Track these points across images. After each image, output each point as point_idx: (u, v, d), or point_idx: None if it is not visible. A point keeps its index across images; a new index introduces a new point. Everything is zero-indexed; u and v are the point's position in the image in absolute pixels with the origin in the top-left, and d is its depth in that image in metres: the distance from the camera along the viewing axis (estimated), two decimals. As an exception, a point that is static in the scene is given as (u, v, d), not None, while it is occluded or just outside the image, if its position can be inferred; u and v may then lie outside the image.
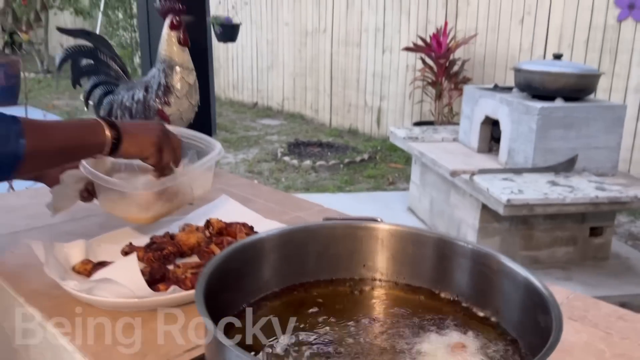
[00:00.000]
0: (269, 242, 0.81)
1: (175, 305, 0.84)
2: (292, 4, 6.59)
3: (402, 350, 0.69)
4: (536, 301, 0.65)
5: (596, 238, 2.97)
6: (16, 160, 0.78)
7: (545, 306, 0.63)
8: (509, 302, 0.70)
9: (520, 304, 0.69)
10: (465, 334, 0.72)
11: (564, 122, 2.89)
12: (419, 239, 0.83)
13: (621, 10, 4.14)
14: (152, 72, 1.32)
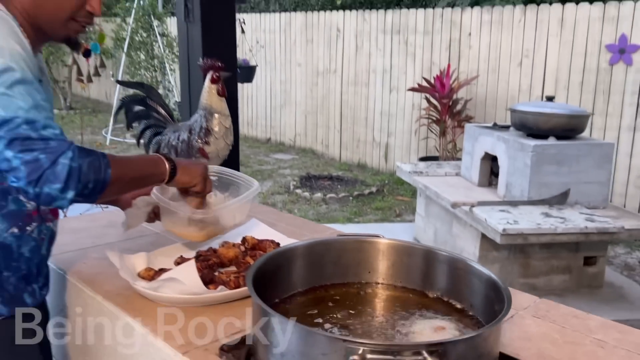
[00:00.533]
0: (295, 252, 1.06)
1: (223, 301, 1.09)
2: (305, 47, 6.99)
3: (399, 330, 0.93)
4: (495, 293, 0.89)
5: (590, 267, 3.16)
6: (104, 186, 0.97)
7: (500, 296, 0.86)
8: (476, 295, 0.94)
9: (484, 296, 0.92)
10: (445, 320, 0.95)
11: (556, 159, 3.13)
12: (411, 251, 1.07)
13: (612, 54, 4.44)
14: (195, 117, 1.59)
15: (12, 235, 1.06)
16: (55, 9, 1.04)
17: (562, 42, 4.73)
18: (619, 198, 4.41)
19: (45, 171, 0.88)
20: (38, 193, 0.89)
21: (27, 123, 0.89)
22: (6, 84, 0.89)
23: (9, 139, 0.88)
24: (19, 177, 0.89)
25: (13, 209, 1.05)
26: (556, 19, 4.76)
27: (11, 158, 0.88)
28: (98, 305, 1.16)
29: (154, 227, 1.62)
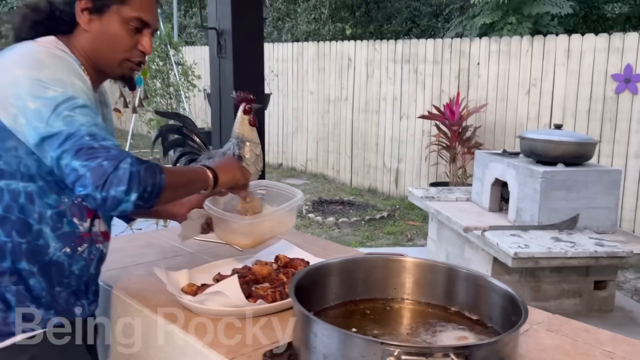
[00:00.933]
0: (329, 268, 1.17)
1: (262, 313, 1.19)
2: (317, 75, 7.19)
3: (424, 339, 1.03)
4: (512, 306, 0.99)
5: (600, 291, 3.22)
6: (160, 190, 1.04)
7: (518, 308, 0.96)
8: (495, 308, 1.04)
9: (501, 309, 1.02)
10: (466, 331, 1.05)
11: (565, 185, 3.23)
12: (434, 268, 1.18)
13: (618, 83, 4.56)
14: (228, 145, 1.72)
15: (65, 254, 1.15)
16: (111, 50, 1.15)
17: (569, 71, 4.87)
18: (628, 224, 4.47)
19: (109, 175, 0.97)
20: (105, 197, 0.98)
21: (89, 135, 1.00)
22: (70, 108, 1.01)
23: (75, 149, 0.98)
24: (85, 185, 0.97)
25: (67, 231, 1.14)
26: (562, 49, 4.91)
27: (78, 167, 0.98)
28: (145, 317, 1.27)
29: (187, 247, 1.74)
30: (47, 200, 1.11)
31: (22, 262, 1.10)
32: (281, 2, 10.48)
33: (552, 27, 6.22)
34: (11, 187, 1.08)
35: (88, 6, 1.13)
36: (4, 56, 1.09)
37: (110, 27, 1.14)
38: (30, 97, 1.01)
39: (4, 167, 1.07)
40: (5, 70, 1.05)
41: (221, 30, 1.93)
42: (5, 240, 1.09)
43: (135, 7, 1.15)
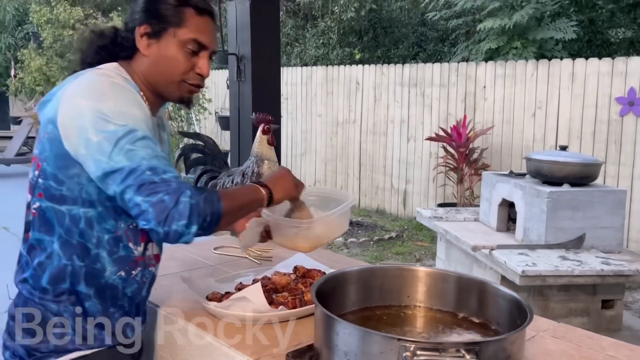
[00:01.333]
0: (347, 276, 1.25)
1: (283, 319, 1.27)
2: (325, 98, 7.34)
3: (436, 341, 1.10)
4: (518, 310, 1.06)
5: (608, 310, 3.25)
6: (219, 217, 1.08)
7: (523, 311, 1.04)
8: (502, 313, 1.11)
9: (508, 313, 1.10)
10: (475, 334, 1.12)
11: (571, 205, 3.29)
12: (444, 277, 1.26)
13: (622, 106, 4.66)
14: (247, 164, 1.82)
15: (119, 278, 1.18)
16: (168, 73, 1.19)
17: (574, 94, 4.97)
18: (636, 244, 4.51)
19: (170, 210, 1.02)
20: (167, 231, 1.03)
21: (150, 169, 1.04)
22: (131, 142, 1.05)
23: (137, 185, 1.03)
24: (148, 219, 1.03)
25: (122, 255, 1.18)
26: (567, 73, 5.02)
27: (140, 202, 1.03)
28: (171, 321, 1.35)
29: (207, 260, 1.83)
30: (105, 226, 1.15)
31: (80, 284, 1.15)
32: (290, 28, 10.73)
33: (556, 51, 6.35)
34: (72, 212, 1.12)
35: (147, 31, 1.17)
36: (70, 85, 1.13)
37: (168, 50, 1.17)
38: (93, 129, 1.05)
39: (66, 193, 1.12)
40: (70, 100, 1.10)
41: (241, 55, 2.05)
42: (66, 263, 1.14)
43: (192, 30, 1.17)
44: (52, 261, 1.14)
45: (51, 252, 1.14)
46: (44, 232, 1.14)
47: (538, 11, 6.26)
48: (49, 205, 1.13)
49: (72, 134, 1.08)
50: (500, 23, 6.14)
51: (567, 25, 6.13)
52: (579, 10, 7.08)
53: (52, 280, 1.14)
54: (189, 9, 1.18)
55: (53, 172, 1.12)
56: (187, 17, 1.18)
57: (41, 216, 1.14)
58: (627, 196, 4.55)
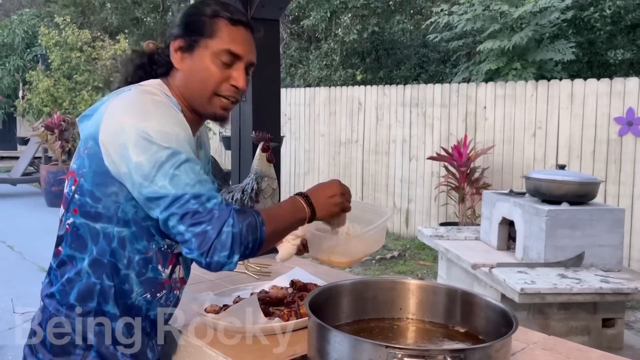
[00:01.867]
0: (341, 288, 1.28)
1: (278, 331, 1.30)
2: (328, 119, 7.43)
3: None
4: (504, 319, 1.09)
5: (609, 329, 3.25)
6: (262, 243, 1.07)
7: (510, 321, 1.07)
8: (490, 324, 1.15)
9: (495, 324, 1.13)
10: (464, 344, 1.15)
11: (570, 223, 3.32)
12: (435, 290, 1.29)
13: (621, 126, 4.70)
14: (247, 181, 1.87)
15: (145, 299, 1.16)
16: (201, 85, 1.15)
17: (573, 114, 5.02)
18: (638, 263, 4.51)
19: (213, 242, 1.02)
20: (209, 262, 1.03)
21: (194, 198, 1.03)
22: (175, 166, 1.03)
23: (181, 214, 1.02)
24: (191, 249, 1.03)
25: (150, 277, 1.16)
26: (566, 93, 5.09)
27: (183, 232, 1.03)
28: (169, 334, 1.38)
29: (206, 274, 1.87)
30: (137, 246, 1.13)
31: (108, 304, 1.13)
32: (294, 50, 10.91)
33: (556, 72, 6.43)
34: (107, 230, 1.11)
35: (181, 45, 1.16)
36: (113, 101, 1.11)
37: (201, 62, 1.14)
38: (135, 149, 1.04)
39: (102, 211, 1.10)
40: (112, 116, 1.08)
41: (242, 76, 2.12)
42: (95, 282, 1.12)
43: (224, 40, 1.14)
44: (82, 278, 1.12)
45: (80, 269, 1.12)
46: (76, 248, 1.13)
47: (537, 33, 6.36)
48: (83, 221, 1.12)
49: (113, 151, 1.06)
50: (500, 44, 6.24)
51: (565, 47, 6.22)
52: (577, 32, 7.19)
53: (80, 297, 1.13)
54: (222, 20, 1.15)
55: (90, 189, 1.10)
56: (219, 28, 1.15)
57: (74, 232, 1.13)
58: (628, 215, 4.57)
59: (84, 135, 1.13)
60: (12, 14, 14.63)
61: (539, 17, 6.30)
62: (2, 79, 12.67)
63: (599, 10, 7.05)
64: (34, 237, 5.95)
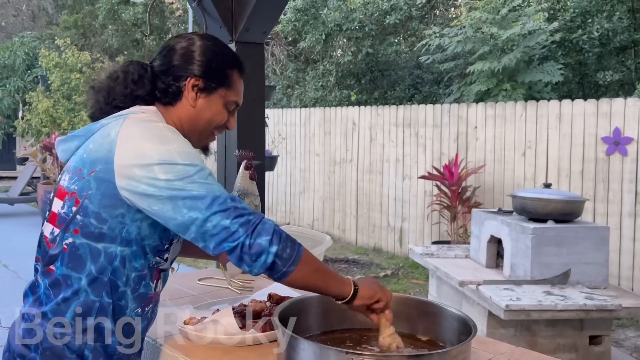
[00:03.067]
0: (311, 301, 1.33)
1: (253, 343, 1.34)
2: (323, 138, 7.52)
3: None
4: (465, 327, 1.14)
5: (596, 346, 3.27)
6: (298, 259, 1.10)
7: (469, 328, 1.12)
8: (452, 333, 1.19)
9: (458, 333, 1.18)
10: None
11: (555, 241, 3.36)
12: (404, 301, 1.34)
13: (608, 146, 4.78)
14: (230, 198, 1.93)
15: (136, 314, 1.21)
16: (207, 124, 1.28)
17: (561, 134, 5.11)
18: (626, 282, 4.54)
19: (257, 225, 1.08)
20: (252, 243, 1.07)
21: (230, 199, 1.11)
22: (204, 177, 1.11)
23: (223, 210, 1.08)
24: (237, 238, 1.07)
25: (142, 292, 1.20)
26: (554, 114, 5.18)
27: (229, 225, 1.08)
28: (150, 346, 1.43)
29: (190, 290, 1.91)
30: (135, 264, 1.17)
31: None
32: (291, 71, 11.07)
33: (545, 93, 6.54)
34: (109, 250, 1.14)
35: (199, 85, 1.24)
36: (123, 127, 1.15)
37: (215, 106, 1.26)
38: (161, 169, 1.09)
39: (106, 231, 1.13)
40: (130, 143, 1.13)
41: (228, 97, 2.20)
42: (95, 299, 1.14)
43: (237, 93, 1.30)
44: (79, 297, 1.14)
45: (78, 289, 1.14)
46: (72, 268, 1.15)
47: (526, 55, 6.50)
48: (84, 242, 1.14)
49: (133, 175, 1.10)
50: (490, 66, 6.36)
51: (554, 69, 6.34)
52: (566, 54, 7.32)
53: (77, 315, 1.15)
54: (237, 72, 1.30)
55: (96, 211, 1.13)
56: (234, 80, 1.29)
57: (73, 252, 1.15)
58: (617, 233, 4.62)
59: (88, 157, 1.16)
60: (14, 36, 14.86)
61: (527, 39, 6.44)
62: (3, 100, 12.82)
63: (587, 32, 7.21)
64: (29, 256, 5.96)
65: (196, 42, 1.27)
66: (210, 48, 1.28)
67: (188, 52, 1.26)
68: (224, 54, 1.29)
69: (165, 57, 1.27)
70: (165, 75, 1.25)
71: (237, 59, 1.31)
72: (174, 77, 1.25)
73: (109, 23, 13.65)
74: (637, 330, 4.18)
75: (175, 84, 1.24)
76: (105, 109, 1.24)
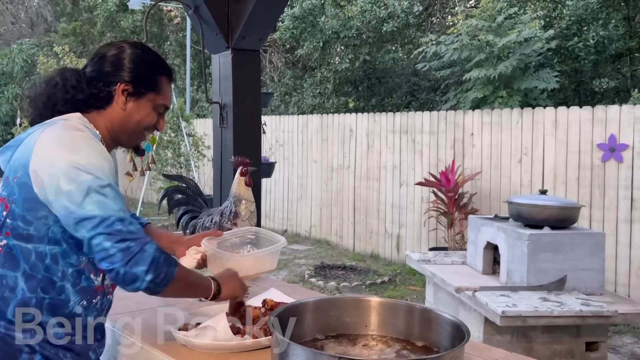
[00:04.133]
0: (306, 306, 1.34)
1: (248, 349, 1.35)
2: (320, 145, 7.54)
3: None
4: (458, 332, 1.15)
5: (592, 353, 3.27)
6: (170, 280, 1.22)
7: (462, 333, 1.12)
8: (445, 337, 1.20)
9: (451, 337, 1.18)
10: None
11: (551, 247, 3.37)
12: (396, 306, 1.34)
13: (604, 152, 4.80)
14: (226, 203, 1.94)
15: (82, 307, 1.28)
16: (137, 127, 1.37)
17: (557, 141, 5.13)
18: (623, 288, 4.54)
19: (136, 254, 1.16)
20: (126, 272, 1.16)
21: (119, 220, 1.17)
22: (101, 193, 1.18)
23: (107, 233, 1.15)
24: (113, 262, 1.16)
25: (84, 286, 1.28)
26: (550, 120, 5.20)
27: (109, 247, 1.16)
28: (146, 353, 1.43)
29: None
30: (69, 260, 1.25)
31: (43, 314, 1.24)
32: (289, 78, 11.11)
33: (541, 100, 6.57)
34: (39, 249, 1.23)
35: (129, 90, 1.33)
36: (42, 136, 1.24)
37: (143, 109, 1.36)
38: (65, 179, 1.17)
39: (33, 233, 1.22)
40: (43, 150, 1.21)
41: (223, 104, 2.20)
42: (30, 296, 1.23)
43: (165, 97, 1.39)
44: (16, 295, 1.22)
45: (14, 286, 1.22)
46: (8, 267, 1.23)
47: (522, 62, 6.53)
48: (15, 243, 1.23)
49: (43, 181, 1.19)
50: (486, 73, 6.40)
51: (550, 76, 6.38)
52: (562, 61, 7.37)
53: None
54: (165, 77, 1.39)
55: (21, 214, 1.22)
56: (162, 85, 1.38)
57: (7, 253, 1.24)
58: (613, 240, 4.63)
59: (13, 165, 1.25)
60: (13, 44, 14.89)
61: (523, 47, 6.48)
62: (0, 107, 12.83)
63: (582, 40, 7.25)
64: None
65: (126, 49, 1.36)
66: (139, 55, 1.36)
67: (118, 59, 1.34)
68: (152, 61, 1.38)
69: (96, 64, 1.35)
70: (96, 80, 1.33)
71: (165, 66, 1.41)
72: (104, 83, 1.33)
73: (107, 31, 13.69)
74: (633, 336, 4.18)
75: (106, 89, 1.33)
76: (46, 114, 1.31)
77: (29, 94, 1.38)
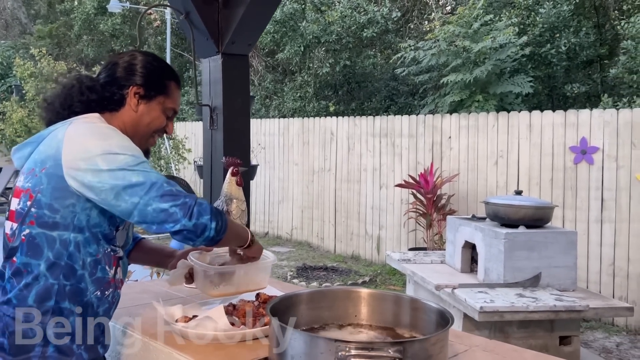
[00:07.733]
0: (300, 297, 1.41)
1: (243, 339, 1.41)
2: (301, 148, 7.61)
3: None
4: (442, 319, 1.24)
5: (566, 347, 3.41)
6: (226, 227, 1.29)
7: (446, 319, 1.21)
8: (431, 325, 1.29)
9: (436, 325, 1.27)
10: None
11: (526, 245, 3.51)
12: (384, 297, 1.43)
13: (576, 155, 4.99)
14: (217, 203, 1.99)
15: (95, 297, 1.33)
16: (148, 129, 1.45)
17: (532, 144, 5.31)
18: (594, 285, 4.73)
19: (193, 207, 1.23)
20: (195, 223, 1.22)
21: (167, 183, 1.26)
22: (143, 166, 1.26)
23: (160, 194, 1.22)
24: (177, 220, 1.22)
25: (99, 276, 1.33)
26: (525, 124, 5.38)
27: (167, 207, 1.22)
28: (145, 345, 1.48)
29: (179, 292, 1.97)
30: (89, 249, 1.31)
31: (65, 302, 1.28)
32: (269, 82, 11.16)
33: (516, 104, 6.78)
34: (63, 237, 1.28)
35: (140, 93, 1.41)
36: (68, 129, 1.30)
37: (154, 111, 1.44)
38: (104, 161, 1.23)
39: (59, 220, 1.27)
40: (75, 140, 1.28)
41: (214, 106, 2.26)
42: (53, 282, 1.27)
43: (174, 101, 1.47)
44: (39, 282, 1.27)
45: (38, 274, 1.27)
46: (31, 256, 1.27)
47: (497, 67, 6.73)
48: (40, 231, 1.27)
49: (79, 167, 1.24)
50: (463, 78, 6.57)
51: (524, 81, 6.59)
52: (536, 67, 7.60)
53: (39, 299, 1.26)
54: (174, 83, 1.48)
55: (49, 202, 1.27)
56: (172, 89, 1.47)
57: (30, 242, 1.28)
58: (585, 239, 4.82)
59: (39, 157, 1.31)
60: (-14, 45, 14.59)
61: (499, 53, 6.68)
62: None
63: (555, 47, 7.50)
64: None
65: (138, 57, 1.46)
66: (150, 62, 1.46)
67: (131, 65, 1.43)
68: (162, 67, 1.48)
69: (109, 70, 1.44)
70: (110, 85, 1.41)
71: (174, 73, 1.51)
72: (118, 87, 1.41)
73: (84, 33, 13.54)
74: (605, 332, 4.36)
75: (119, 92, 1.41)
76: (63, 114, 1.39)
77: (45, 98, 1.45)
